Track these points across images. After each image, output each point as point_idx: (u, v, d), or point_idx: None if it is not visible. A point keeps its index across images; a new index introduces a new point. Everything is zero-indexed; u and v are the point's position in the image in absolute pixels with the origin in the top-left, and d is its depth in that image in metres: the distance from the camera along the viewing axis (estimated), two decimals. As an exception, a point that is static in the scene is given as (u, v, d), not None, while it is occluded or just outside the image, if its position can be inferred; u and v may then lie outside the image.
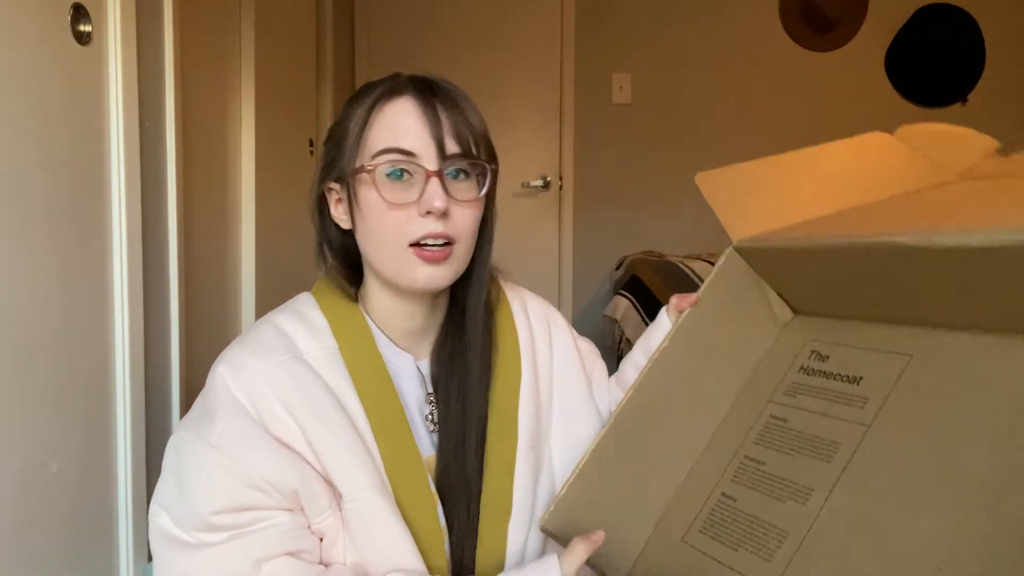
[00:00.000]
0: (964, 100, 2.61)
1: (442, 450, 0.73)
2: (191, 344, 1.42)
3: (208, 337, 1.54)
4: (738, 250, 0.74)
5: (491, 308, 0.79)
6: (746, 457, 0.69)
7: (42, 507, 1.00)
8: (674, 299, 0.77)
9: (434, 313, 0.77)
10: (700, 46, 2.71)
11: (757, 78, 2.71)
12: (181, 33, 1.34)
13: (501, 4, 2.78)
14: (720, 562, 0.65)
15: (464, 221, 0.70)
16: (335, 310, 0.75)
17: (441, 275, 0.70)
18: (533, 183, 2.80)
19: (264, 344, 0.71)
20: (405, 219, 0.68)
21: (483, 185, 0.72)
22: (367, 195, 0.69)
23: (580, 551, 0.65)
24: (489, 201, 0.75)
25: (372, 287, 0.76)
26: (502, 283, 0.85)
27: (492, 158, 0.73)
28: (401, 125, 0.69)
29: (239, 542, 0.64)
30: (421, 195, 0.68)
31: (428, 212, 0.67)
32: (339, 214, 0.74)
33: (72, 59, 1.04)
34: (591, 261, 2.80)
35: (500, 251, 0.81)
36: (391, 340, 0.76)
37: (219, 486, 0.64)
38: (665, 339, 0.73)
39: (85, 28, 1.06)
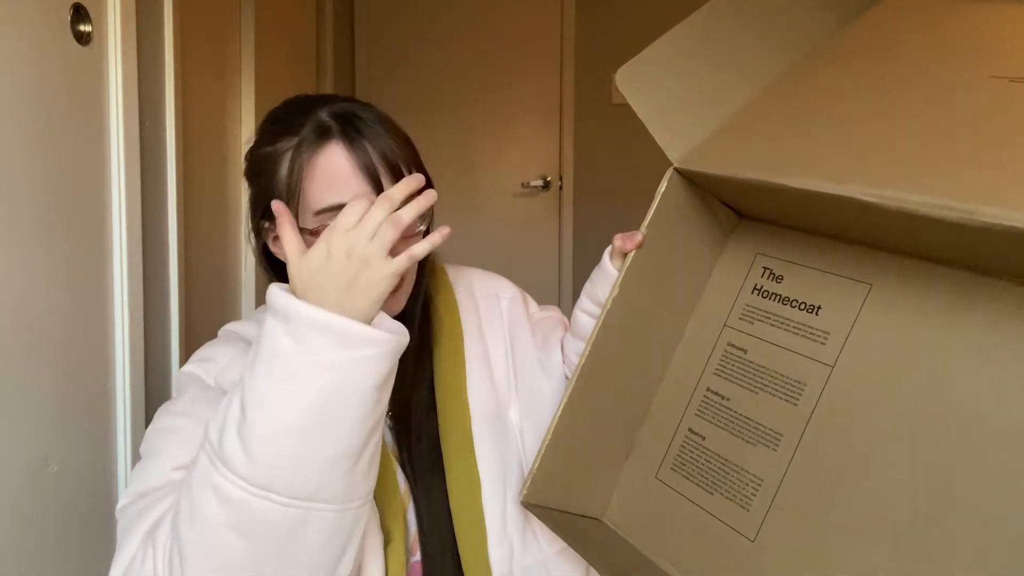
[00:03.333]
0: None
1: (397, 439, 0.75)
2: (191, 344, 1.42)
3: (208, 337, 1.53)
4: (679, 172, 0.67)
5: (429, 295, 0.81)
6: (708, 390, 0.68)
7: (42, 507, 1.00)
8: (617, 240, 0.71)
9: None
10: (700, 46, 2.71)
11: (757, 78, 2.71)
12: (181, 33, 1.34)
13: (501, 4, 2.78)
14: (698, 505, 0.65)
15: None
16: None
17: (395, 305, 0.72)
18: (533, 183, 2.80)
19: (224, 342, 0.75)
20: None
21: (426, 218, 0.70)
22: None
23: None
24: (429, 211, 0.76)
25: None
26: (446, 267, 0.86)
27: (429, 182, 0.71)
28: (337, 175, 0.67)
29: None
30: None
31: None
32: (278, 250, 0.73)
33: (72, 59, 1.04)
34: (591, 261, 2.78)
35: (500, 251, 0.82)
36: None
37: (180, 443, 0.65)
38: (615, 286, 0.68)
39: (85, 28, 1.06)
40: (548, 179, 2.81)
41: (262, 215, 0.72)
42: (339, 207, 0.66)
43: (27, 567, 0.97)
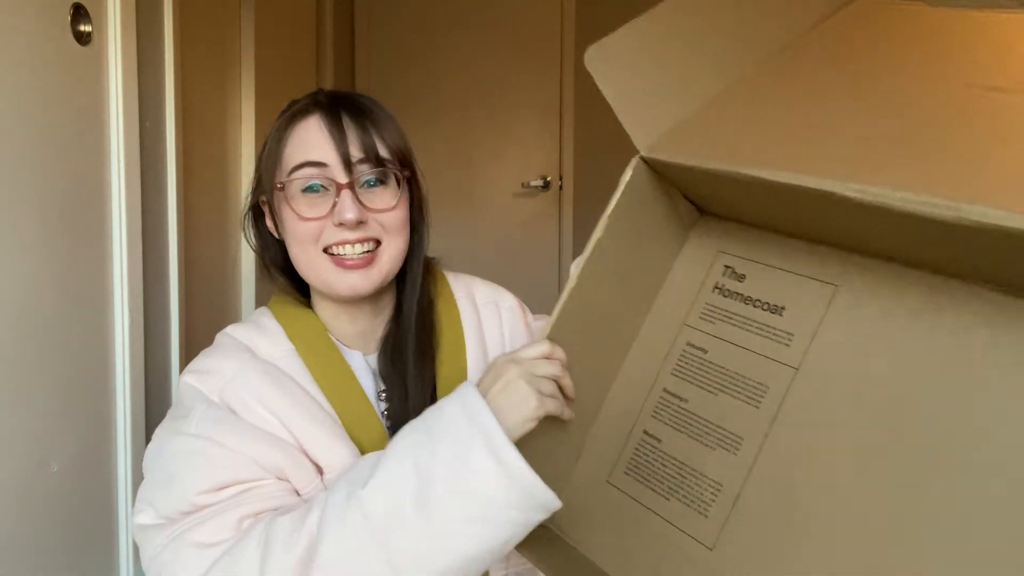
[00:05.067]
0: None
1: None
2: (191, 344, 1.42)
3: (208, 337, 1.53)
4: (646, 161, 0.63)
5: (430, 301, 0.81)
6: (665, 391, 0.65)
7: (42, 507, 1.00)
8: None
9: (378, 314, 0.79)
10: (700, 46, 2.71)
11: (757, 78, 2.71)
12: (181, 33, 1.34)
13: (501, 5, 2.78)
14: (653, 511, 0.63)
15: (383, 224, 0.73)
16: (289, 316, 0.78)
17: (366, 280, 0.72)
18: (533, 183, 2.80)
19: (225, 351, 0.74)
20: (319, 229, 0.71)
21: (400, 192, 0.74)
22: (284, 209, 0.73)
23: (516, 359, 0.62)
24: (418, 205, 0.78)
25: (314, 294, 0.79)
26: (446, 274, 0.87)
27: (404, 166, 0.75)
28: (310, 140, 0.72)
29: (223, 504, 0.64)
30: (333, 207, 0.70)
31: (340, 224, 0.70)
32: (272, 226, 0.78)
33: (72, 59, 1.04)
34: (591, 261, 2.80)
35: (500, 251, 0.82)
36: (340, 342, 0.78)
37: (202, 468, 0.65)
38: (572, 279, 0.65)
39: (85, 28, 1.06)
40: (548, 179, 2.81)
41: (257, 190, 0.78)
42: (308, 164, 0.71)
43: (27, 567, 0.97)
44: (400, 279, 0.79)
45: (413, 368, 0.76)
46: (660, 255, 0.69)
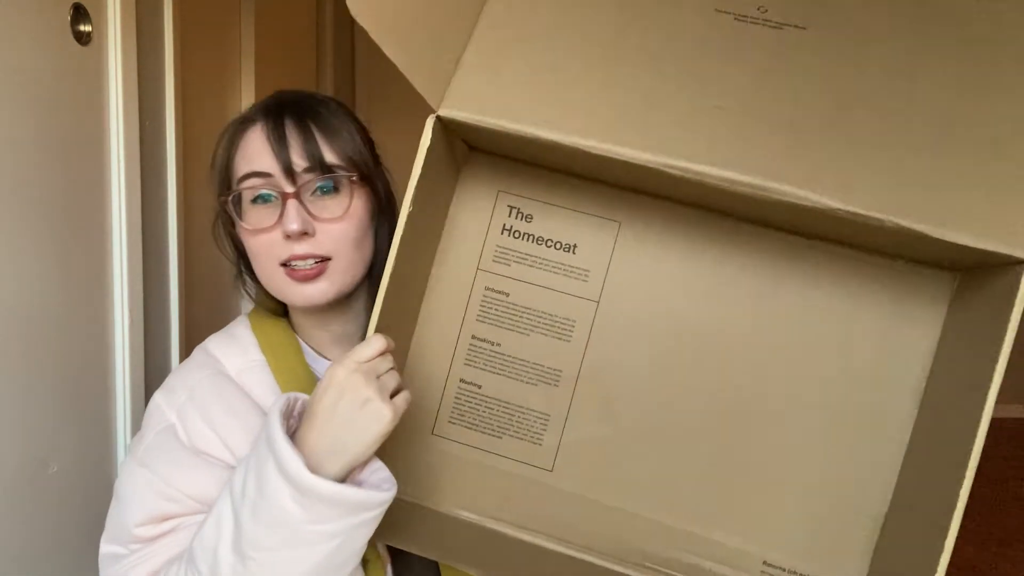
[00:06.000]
0: None
1: None
2: (191, 344, 1.42)
3: (208, 337, 1.54)
4: (440, 120, 0.60)
5: None
6: (474, 337, 0.67)
7: (41, 507, 1.00)
8: None
9: (351, 320, 0.78)
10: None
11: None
12: (181, 33, 1.34)
13: (501, 4, 2.77)
14: (487, 451, 0.66)
15: (333, 236, 0.69)
16: (263, 326, 0.78)
17: (317, 292, 0.70)
18: (533, 183, 2.80)
19: (192, 367, 0.75)
20: (270, 241, 0.70)
21: (352, 200, 0.70)
22: (237, 222, 0.72)
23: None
24: (385, 204, 0.74)
25: (287, 304, 0.78)
26: None
27: (356, 169, 0.71)
28: (253, 150, 0.70)
29: (158, 544, 0.66)
30: (280, 217, 0.68)
31: (287, 236, 0.68)
32: (229, 216, 0.77)
33: (72, 59, 1.04)
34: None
35: None
36: (314, 350, 0.78)
37: (141, 500, 0.67)
38: (388, 263, 0.61)
39: (85, 28, 1.06)
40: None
41: (219, 206, 0.77)
42: (252, 175, 0.70)
43: (26, 567, 0.97)
44: (372, 280, 0.77)
45: None
46: (441, 198, 0.67)
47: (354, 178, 0.71)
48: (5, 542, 0.93)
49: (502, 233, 0.66)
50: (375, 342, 0.58)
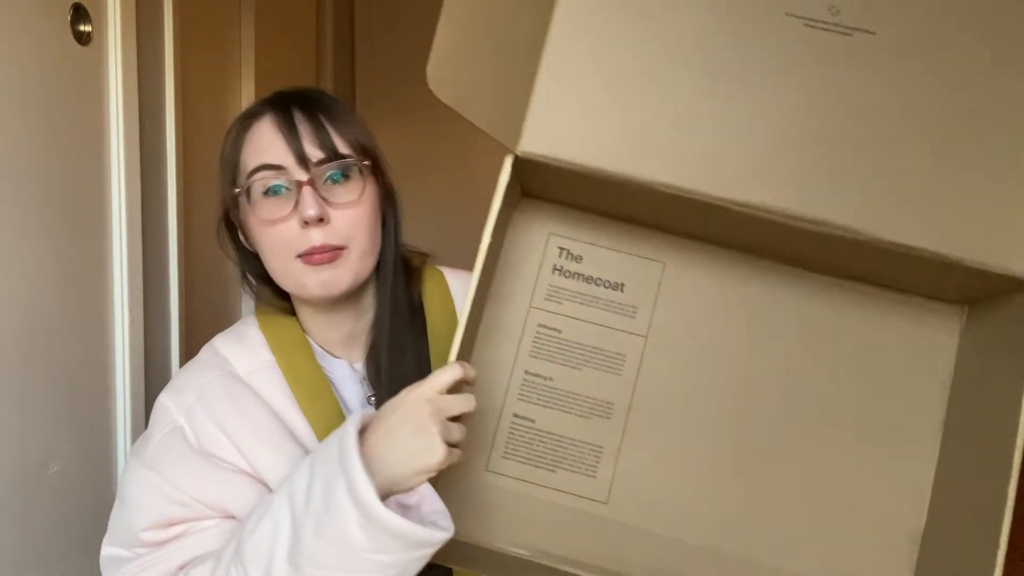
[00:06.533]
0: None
1: None
2: (191, 344, 1.42)
3: (208, 337, 1.54)
4: (520, 159, 0.60)
5: (414, 297, 0.78)
6: (527, 372, 0.68)
7: (41, 507, 1.00)
8: None
9: (361, 317, 0.77)
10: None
11: (757, 78, 2.71)
12: (181, 33, 1.34)
13: (501, 4, 2.77)
14: (541, 485, 0.67)
15: (348, 222, 0.70)
16: (272, 325, 0.76)
17: (335, 278, 0.70)
18: (533, 183, 2.80)
19: (200, 366, 0.73)
20: (286, 232, 0.69)
21: (363, 184, 0.71)
22: (248, 217, 0.71)
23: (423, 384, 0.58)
24: (389, 195, 0.75)
25: (295, 303, 0.77)
26: (445, 272, 0.84)
27: (365, 154, 0.72)
28: (264, 142, 0.70)
29: (167, 549, 0.66)
30: (295, 206, 0.68)
31: (305, 222, 0.68)
32: (243, 239, 0.76)
33: (72, 59, 1.04)
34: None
35: None
36: (325, 350, 0.77)
37: (148, 504, 0.66)
38: (469, 296, 0.62)
39: (85, 28, 1.06)
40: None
41: (227, 205, 0.76)
42: (264, 167, 0.69)
43: (26, 568, 0.97)
44: (380, 279, 0.77)
45: (395, 370, 0.74)
46: (496, 238, 0.67)
47: (367, 164, 0.72)
48: (5, 542, 0.93)
49: (553, 273, 0.68)
50: (452, 370, 0.58)
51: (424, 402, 0.57)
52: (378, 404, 0.73)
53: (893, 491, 0.64)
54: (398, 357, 0.75)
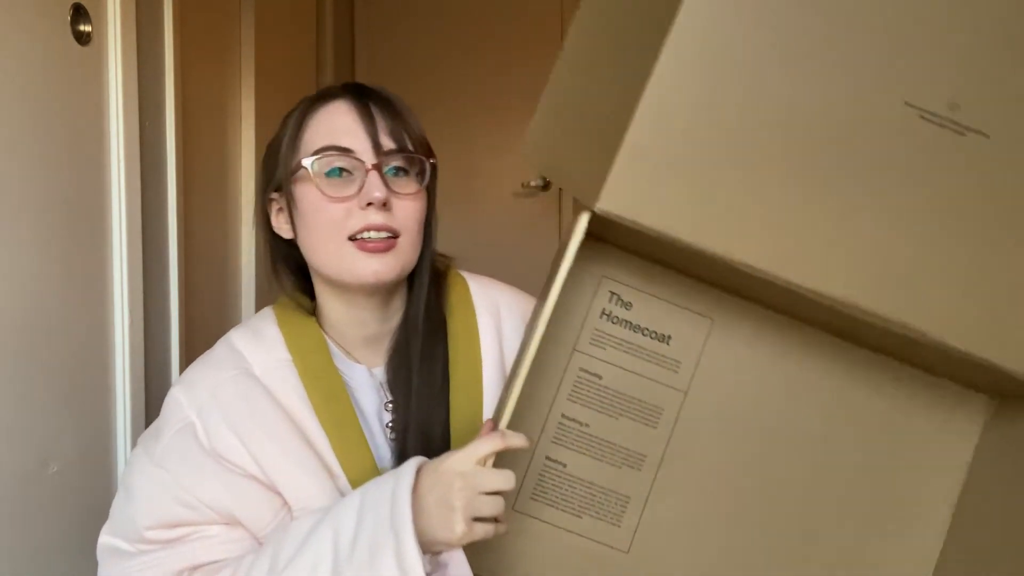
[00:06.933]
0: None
1: (399, 459, 0.71)
2: (191, 344, 1.42)
3: (208, 337, 1.53)
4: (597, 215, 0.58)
5: (441, 305, 0.77)
6: (564, 416, 0.67)
7: (41, 507, 1.00)
8: None
9: (387, 319, 0.76)
10: (700, 46, 2.71)
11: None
12: (181, 33, 1.34)
13: (501, 4, 2.78)
14: (566, 529, 0.67)
15: (407, 212, 0.70)
16: (291, 324, 0.75)
17: (387, 267, 0.69)
18: (533, 183, 2.80)
19: (216, 362, 0.72)
20: (345, 213, 0.68)
21: (423, 180, 0.72)
22: (305, 193, 0.69)
23: (481, 444, 0.58)
24: (431, 198, 0.75)
25: (323, 297, 0.75)
26: (468, 279, 0.82)
27: (430, 154, 0.73)
28: (337, 124, 0.70)
29: (170, 551, 0.65)
30: (360, 188, 0.68)
31: (368, 204, 0.67)
32: (280, 224, 0.75)
33: (72, 59, 1.04)
34: (591, 261, 2.80)
35: (499, 251, 0.81)
36: (345, 352, 0.75)
37: (155, 502, 0.66)
38: (530, 353, 0.62)
39: (85, 28, 1.06)
40: (548, 179, 2.81)
41: (265, 188, 0.75)
42: (334, 148, 0.69)
43: (26, 567, 0.97)
44: (410, 279, 0.76)
45: (418, 376, 0.73)
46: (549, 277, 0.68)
47: (432, 163, 0.73)
48: (5, 541, 0.93)
49: (601, 317, 0.67)
50: (493, 441, 0.57)
51: (456, 475, 0.57)
52: (396, 411, 0.73)
53: (899, 568, 0.66)
54: (425, 363, 0.74)
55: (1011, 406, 0.64)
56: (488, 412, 0.74)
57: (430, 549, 0.57)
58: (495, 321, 0.79)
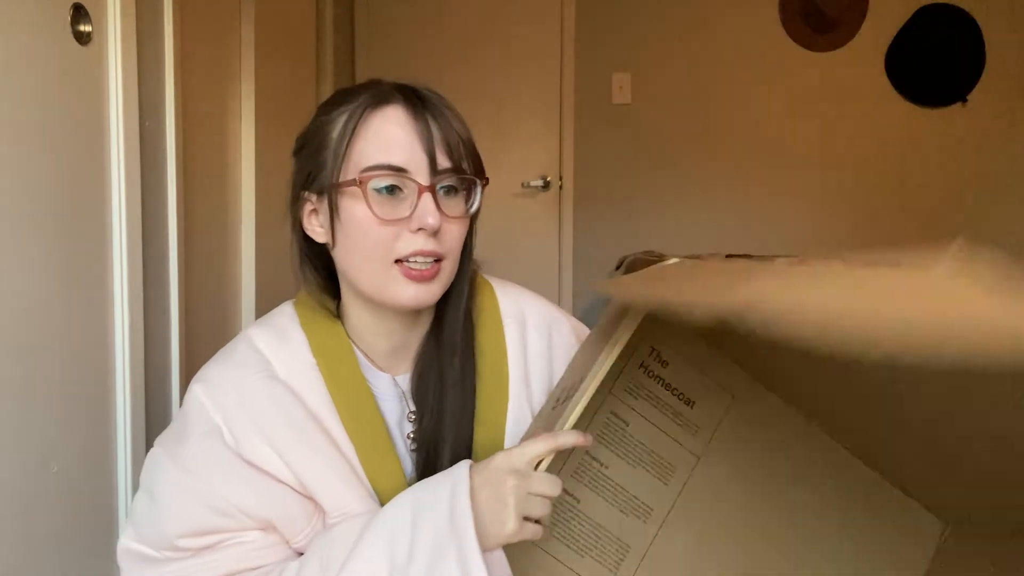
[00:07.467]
0: (964, 100, 2.60)
1: (422, 470, 0.70)
2: (191, 344, 1.42)
3: (208, 337, 1.54)
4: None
5: (472, 319, 0.75)
6: (588, 454, 0.68)
7: (42, 507, 1.00)
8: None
9: (414, 330, 0.74)
10: (700, 46, 2.71)
11: (757, 77, 2.71)
12: (181, 33, 1.34)
13: (501, 4, 2.78)
14: (567, 566, 0.68)
15: (453, 237, 0.68)
16: (315, 327, 0.72)
17: (427, 294, 0.67)
18: (533, 183, 2.80)
19: (239, 362, 0.69)
20: (394, 235, 0.65)
21: (471, 200, 0.69)
22: (353, 210, 0.66)
23: (534, 445, 0.58)
24: (473, 216, 0.72)
25: (350, 304, 0.72)
26: (495, 286, 0.80)
27: (481, 172, 0.70)
28: (393, 137, 0.66)
29: (204, 558, 0.64)
30: (413, 211, 0.65)
31: (420, 228, 0.64)
32: (313, 226, 0.71)
33: (72, 59, 1.04)
34: (591, 262, 2.79)
35: (500, 252, 0.80)
36: (369, 360, 0.73)
37: (187, 510, 0.64)
38: (593, 382, 0.65)
39: (85, 28, 1.06)
40: (548, 179, 2.81)
41: (303, 185, 0.70)
42: (388, 167, 0.65)
43: (27, 567, 0.97)
44: (452, 291, 0.73)
45: (451, 389, 0.71)
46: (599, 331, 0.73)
47: (484, 182, 0.70)
48: (6, 541, 0.93)
49: (638, 368, 0.70)
50: (546, 442, 0.57)
51: (510, 472, 0.57)
52: (418, 422, 0.71)
53: None
54: (443, 378, 0.72)
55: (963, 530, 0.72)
56: (512, 424, 0.74)
57: (485, 546, 0.57)
58: (521, 331, 0.77)
